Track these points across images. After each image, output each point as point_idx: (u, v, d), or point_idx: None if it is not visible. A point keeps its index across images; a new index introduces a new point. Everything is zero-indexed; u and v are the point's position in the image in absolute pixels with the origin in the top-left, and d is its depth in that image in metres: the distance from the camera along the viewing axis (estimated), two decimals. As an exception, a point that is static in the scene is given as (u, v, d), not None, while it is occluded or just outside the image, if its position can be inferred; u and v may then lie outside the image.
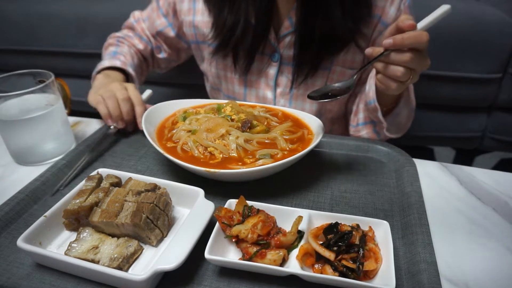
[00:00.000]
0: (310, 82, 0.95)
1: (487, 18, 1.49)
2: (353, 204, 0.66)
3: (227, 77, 1.01)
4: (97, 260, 0.52)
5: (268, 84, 0.98)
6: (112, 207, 0.56)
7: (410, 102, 0.91)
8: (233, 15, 0.88)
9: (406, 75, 0.68)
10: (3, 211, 0.62)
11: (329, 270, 0.50)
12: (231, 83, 1.02)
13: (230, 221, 0.56)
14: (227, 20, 0.89)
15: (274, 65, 0.96)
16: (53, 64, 1.87)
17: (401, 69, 0.68)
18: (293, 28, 0.90)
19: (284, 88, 0.98)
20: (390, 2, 0.90)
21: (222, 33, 0.91)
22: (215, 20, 0.93)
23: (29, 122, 0.75)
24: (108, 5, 1.82)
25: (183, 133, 0.73)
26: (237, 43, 0.90)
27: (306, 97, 0.96)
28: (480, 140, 1.69)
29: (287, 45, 0.92)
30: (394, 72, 0.69)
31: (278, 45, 0.93)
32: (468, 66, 1.51)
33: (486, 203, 0.68)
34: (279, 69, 0.96)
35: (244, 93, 1.02)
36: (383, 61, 0.70)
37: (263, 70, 0.97)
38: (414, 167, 0.73)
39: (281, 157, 0.68)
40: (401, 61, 0.67)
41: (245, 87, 1.01)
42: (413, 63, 0.67)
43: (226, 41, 0.91)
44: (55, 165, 0.73)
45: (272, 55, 0.95)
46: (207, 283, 0.52)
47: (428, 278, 0.50)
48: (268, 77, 0.97)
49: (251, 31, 0.88)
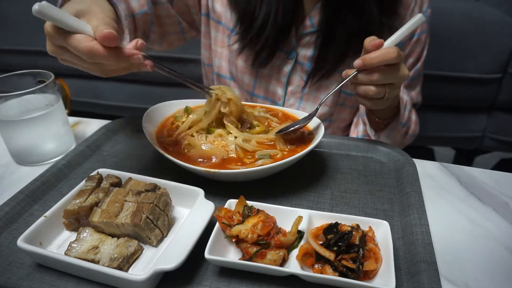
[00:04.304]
0: (325, 84, 0.94)
1: (487, 18, 1.49)
2: (353, 204, 0.66)
3: (238, 65, 0.99)
4: (97, 260, 0.52)
5: (279, 80, 0.97)
6: (112, 207, 0.56)
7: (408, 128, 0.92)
8: (262, 12, 0.86)
9: (379, 93, 0.69)
10: (3, 211, 0.62)
11: (329, 270, 0.50)
12: (241, 72, 1.00)
13: (230, 221, 0.56)
14: (256, 16, 0.87)
15: (289, 62, 0.95)
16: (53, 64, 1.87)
17: (372, 88, 0.69)
18: (313, 28, 0.90)
19: (295, 87, 0.98)
20: (410, 13, 0.90)
21: (250, 30, 0.89)
22: (241, 15, 0.90)
23: (29, 122, 0.75)
24: (108, 5, 1.82)
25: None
26: (266, 40, 0.89)
27: (317, 99, 0.97)
28: (480, 140, 1.70)
29: (305, 44, 0.92)
30: (366, 92, 0.70)
31: (297, 43, 0.93)
32: (468, 66, 1.51)
33: (486, 203, 0.68)
34: (293, 67, 0.95)
35: (253, 84, 1.01)
36: (353, 82, 0.71)
37: (277, 66, 0.96)
38: (414, 167, 0.73)
39: (281, 157, 0.68)
40: (369, 81, 0.68)
41: (255, 78, 1.00)
42: (385, 79, 0.68)
43: (256, 38, 0.89)
44: (55, 165, 0.73)
45: (289, 53, 0.94)
46: (207, 283, 0.52)
47: (428, 278, 0.50)
48: (281, 74, 0.97)
49: (277, 29, 0.87)
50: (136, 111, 0.95)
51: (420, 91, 1.02)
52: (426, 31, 0.94)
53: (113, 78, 1.91)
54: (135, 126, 0.89)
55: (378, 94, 0.69)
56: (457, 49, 1.49)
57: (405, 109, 0.86)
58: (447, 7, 1.50)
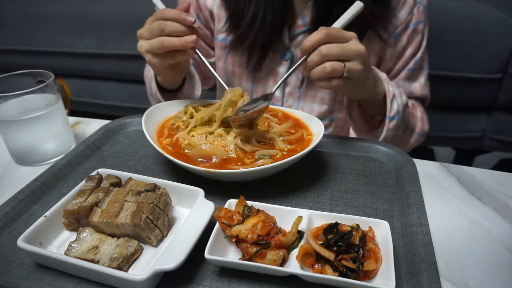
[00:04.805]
0: None
1: (487, 18, 1.49)
2: (353, 204, 0.66)
3: (235, 72, 1.01)
4: (97, 260, 0.52)
5: (277, 82, 0.97)
6: (112, 207, 0.56)
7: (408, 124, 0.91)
8: (250, 10, 0.87)
9: (336, 68, 0.69)
10: (3, 211, 0.62)
11: (329, 270, 0.50)
12: (238, 79, 1.01)
13: (230, 221, 0.56)
14: (245, 14, 0.88)
15: (285, 63, 0.95)
16: (53, 64, 1.88)
17: (327, 65, 0.69)
18: (306, 27, 0.90)
19: (293, 87, 0.98)
20: (402, 3, 0.90)
21: (239, 28, 0.90)
22: (231, 13, 0.92)
23: (29, 122, 0.75)
24: (108, 5, 1.82)
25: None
26: (254, 39, 0.90)
27: (315, 98, 0.97)
28: (480, 140, 1.70)
29: (299, 44, 0.92)
30: (323, 71, 0.69)
31: (291, 44, 0.93)
32: (468, 66, 1.51)
33: (486, 203, 0.68)
34: (290, 68, 0.95)
35: (251, 89, 1.01)
36: (308, 68, 0.72)
37: (273, 68, 0.97)
38: (414, 167, 0.73)
39: (281, 157, 0.68)
40: (320, 56, 0.69)
41: (252, 83, 1.00)
42: (334, 51, 0.68)
43: (244, 36, 0.91)
44: (55, 165, 0.73)
45: (284, 53, 0.95)
46: (207, 283, 0.52)
47: (428, 278, 0.50)
48: (278, 75, 0.97)
49: (266, 28, 0.88)
50: (136, 111, 0.95)
51: (427, 85, 1.00)
52: (422, 21, 0.93)
53: (113, 78, 1.91)
54: (135, 126, 0.89)
55: (335, 70, 0.69)
56: (457, 49, 1.49)
57: (392, 102, 0.84)
58: (447, 7, 1.50)
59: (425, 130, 0.98)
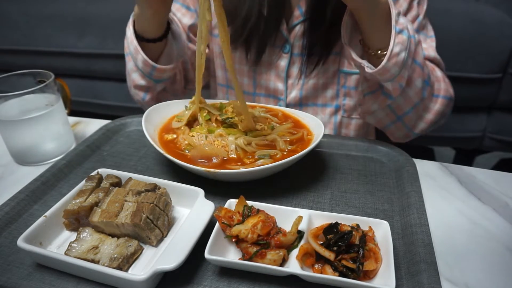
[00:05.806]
0: (322, 69, 0.94)
1: (487, 19, 1.49)
2: (353, 204, 0.66)
3: (235, 68, 0.99)
4: (97, 260, 0.52)
5: (279, 75, 0.97)
6: (112, 207, 0.56)
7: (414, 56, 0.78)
8: (246, 5, 0.87)
9: None
10: (3, 211, 0.62)
11: (329, 270, 0.50)
12: (239, 75, 1.00)
13: (230, 221, 0.56)
14: (240, 9, 0.88)
15: (285, 56, 0.95)
16: (53, 64, 1.88)
17: None
18: (303, 18, 0.90)
19: (295, 79, 0.98)
20: None
21: (235, 23, 0.90)
22: (227, 6, 0.90)
23: (29, 122, 0.75)
24: (108, 5, 1.82)
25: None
26: (251, 33, 0.89)
27: (317, 86, 0.96)
28: (480, 140, 1.69)
29: (298, 35, 0.92)
30: None
31: (289, 36, 0.93)
32: (468, 66, 1.51)
33: (486, 203, 0.68)
34: (290, 60, 0.95)
35: (253, 85, 1.01)
36: None
37: (274, 62, 0.96)
38: (414, 167, 0.73)
39: (281, 157, 0.68)
40: None
41: (254, 79, 1.00)
42: None
43: (240, 31, 0.90)
44: (55, 165, 0.73)
45: (283, 46, 0.94)
46: (207, 283, 0.52)
47: (428, 278, 0.50)
48: (279, 69, 0.97)
49: (263, 22, 0.88)
50: (136, 111, 0.95)
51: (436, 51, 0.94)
52: None
53: (113, 78, 1.91)
54: (135, 126, 0.89)
55: None
56: (457, 49, 1.49)
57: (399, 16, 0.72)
58: (447, 7, 1.50)
59: (450, 94, 0.92)
